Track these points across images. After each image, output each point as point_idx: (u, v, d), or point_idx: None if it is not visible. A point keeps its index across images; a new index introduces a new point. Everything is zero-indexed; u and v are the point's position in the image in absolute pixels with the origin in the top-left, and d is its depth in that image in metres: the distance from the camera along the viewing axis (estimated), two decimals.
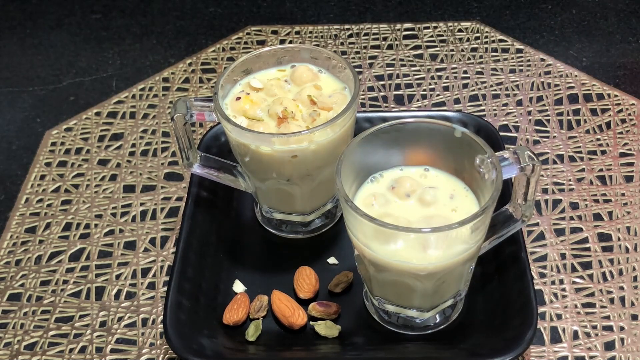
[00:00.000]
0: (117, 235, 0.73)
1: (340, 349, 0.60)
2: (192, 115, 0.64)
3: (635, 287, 0.65)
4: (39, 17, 1.07)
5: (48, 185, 0.78)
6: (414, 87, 0.87)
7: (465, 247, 0.53)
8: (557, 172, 0.76)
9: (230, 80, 0.65)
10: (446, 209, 0.56)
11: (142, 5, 1.08)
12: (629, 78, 0.89)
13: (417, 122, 0.59)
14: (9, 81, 0.95)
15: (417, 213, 0.56)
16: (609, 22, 0.99)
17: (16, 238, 0.73)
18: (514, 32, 0.98)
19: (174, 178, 0.78)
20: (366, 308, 0.63)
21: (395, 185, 0.58)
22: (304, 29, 0.97)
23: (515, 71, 0.88)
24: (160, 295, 0.67)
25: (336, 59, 0.65)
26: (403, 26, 0.96)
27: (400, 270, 0.54)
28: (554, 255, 0.68)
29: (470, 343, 0.59)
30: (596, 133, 0.80)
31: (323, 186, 0.66)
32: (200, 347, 0.58)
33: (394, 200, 0.57)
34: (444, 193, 0.58)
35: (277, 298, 0.63)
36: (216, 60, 0.93)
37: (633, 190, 0.73)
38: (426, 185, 0.58)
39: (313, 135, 0.59)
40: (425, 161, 0.60)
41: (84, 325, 0.65)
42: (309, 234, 0.70)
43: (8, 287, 0.69)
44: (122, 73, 0.95)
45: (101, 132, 0.84)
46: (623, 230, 0.70)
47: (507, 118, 0.82)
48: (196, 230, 0.67)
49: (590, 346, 0.61)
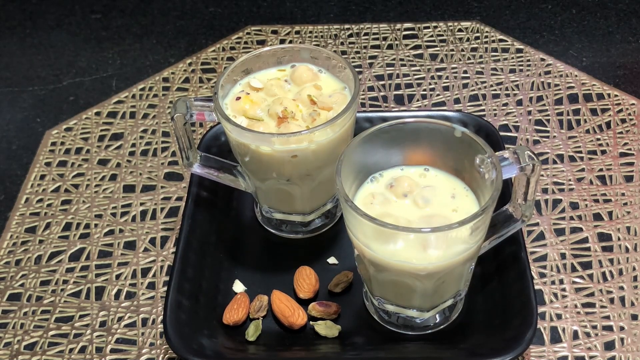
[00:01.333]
0: (117, 235, 0.73)
1: (340, 349, 0.60)
2: (192, 115, 0.64)
3: (635, 287, 0.65)
4: (39, 17, 1.06)
5: (48, 185, 0.78)
6: (414, 87, 0.87)
7: (465, 247, 0.53)
8: (557, 172, 0.76)
9: (230, 80, 0.65)
10: (447, 209, 0.56)
11: (142, 5, 1.08)
12: (629, 78, 0.89)
13: (417, 122, 0.59)
14: (9, 81, 0.95)
15: (417, 213, 0.56)
16: (609, 22, 0.99)
17: (16, 238, 0.73)
18: (514, 32, 0.98)
19: (174, 178, 0.78)
20: (366, 308, 0.63)
21: (394, 184, 0.58)
22: (304, 28, 0.97)
23: (515, 71, 0.88)
24: (160, 295, 0.67)
25: (336, 58, 0.65)
26: (403, 26, 0.96)
27: (400, 270, 0.54)
28: (554, 255, 0.68)
29: (470, 343, 0.59)
30: (596, 133, 0.80)
31: (323, 186, 0.66)
32: (200, 347, 0.58)
33: (393, 200, 0.57)
34: (444, 193, 0.58)
35: (277, 298, 0.63)
36: (216, 60, 0.93)
37: (633, 190, 0.73)
38: (425, 184, 0.58)
39: (313, 135, 0.59)
40: (425, 161, 0.60)
41: (84, 325, 0.65)
42: (309, 234, 0.70)
43: (8, 287, 0.69)
44: (122, 73, 0.95)
45: (101, 132, 0.84)
46: (623, 230, 0.70)
47: (507, 118, 0.82)
48: (196, 230, 0.67)
49: (590, 346, 0.61)
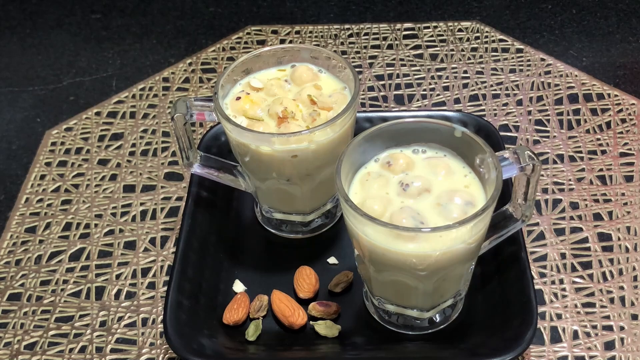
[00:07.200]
0: (117, 235, 0.72)
1: (340, 348, 0.60)
2: (192, 115, 0.64)
3: (635, 287, 0.65)
4: (39, 17, 1.06)
5: (48, 185, 0.78)
6: (414, 87, 0.87)
7: (465, 247, 0.53)
8: (557, 172, 0.76)
9: (230, 80, 0.65)
10: (460, 183, 0.56)
11: (142, 5, 1.08)
12: (629, 78, 0.89)
13: (417, 122, 0.59)
14: (9, 81, 0.95)
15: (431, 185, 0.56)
16: (609, 22, 0.99)
17: (16, 238, 0.73)
18: (514, 32, 0.98)
19: (174, 178, 0.78)
20: (366, 308, 0.63)
21: (392, 161, 0.58)
22: (304, 28, 0.97)
23: (515, 71, 0.88)
24: (160, 295, 0.67)
25: (336, 58, 0.65)
26: (403, 26, 0.96)
27: (401, 268, 0.54)
28: (554, 255, 0.68)
29: (470, 343, 0.59)
30: (596, 133, 0.80)
31: (323, 186, 0.66)
32: (200, 347, 0.58)
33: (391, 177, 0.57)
34: (459, 168, 0.58)
35: (277, 298, 0.63)
36: (216, 60, 0.93)
37: (633, 190, 0.73)
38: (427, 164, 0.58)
39: (313, 135, 0.59)
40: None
41: (84, 325, 0.65)
42: (309, 234, 0.70)
43: (8, 287, 0.69)
44: (122, 73, 0.95)
45: (101, 132, 0.84)
46: (623, 230, 0.70)
47: (507, 118, 0.82)
48: (196, 230, 0.67)
49: (590, 346, 0.61)
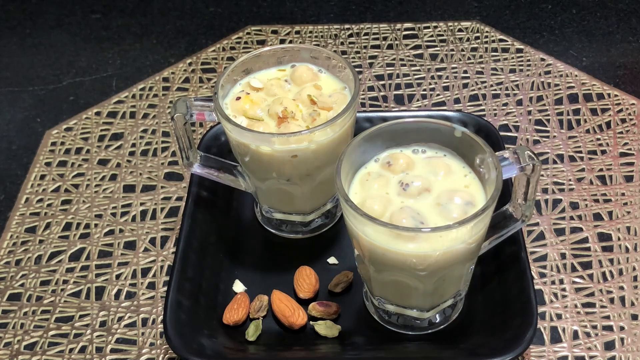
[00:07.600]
0: (117, 235, 0.72)
1: (340, 349, 0.60)
2: (192, 115, 0.64)
3: (635, 287, 0.65)
4: (39, 17, 1.06)
5: (48, 185, 0.78)
6: (414, 87, 0.87)
7: (465, 247, 0.53)
8: (557, 172, 0.76)
9: (230, 80, 0.65)
10: (460, 183, 0.56)
11: (142, 5, 1.08)
12: (629, 78, 0.89)
13: (417, 122, 0.59)
14: (9, 81, 0.95)
15: (430, 183, 0.56)
16: (609, 22, 0.99)
17: (16, 238, 0.73)
18: (514, 32, 0.98)
19: (174, 178, 0.78)
20: (366, 308, 0.63)
21: (392, 161, 0.58)
22: (304, 28, 0.97)
23: (515, 71, 0.88)
24: (160, 295, 0.67)
25: (336, 58, 0.65)
26: (403, 26, 0.96)
27: (401, 268, 0.54)
28: (554, 255, 0.68)
29: (470, 343, 0.59)
30: (596, 133, 0.80)
31: (323, 186, 0.66)
32: (200, 347, 0.58)
33: (391, 177, 0.57)
34: (459, 168, 0.58)
35: (277, 298, 0.63)
36: (216, 60, 0.93)
37: (633, 190, 0.73)
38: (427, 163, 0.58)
39: (313, 135, 0.59)
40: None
41: (84, 325, 0.65)
42: (309, 234, 0.70)
43: (8, 287, 0.69)
44: (122, 73, 0.95)
45: (101, 132, 0.84)
46: (623, 230, 0.70)
47: (507, 118, 0.82)
48: (196, 230, 0.67)
49: (590, 346, 0.61)
